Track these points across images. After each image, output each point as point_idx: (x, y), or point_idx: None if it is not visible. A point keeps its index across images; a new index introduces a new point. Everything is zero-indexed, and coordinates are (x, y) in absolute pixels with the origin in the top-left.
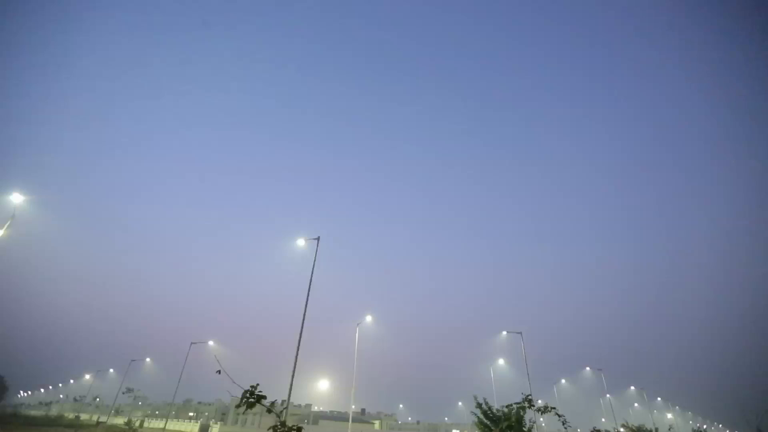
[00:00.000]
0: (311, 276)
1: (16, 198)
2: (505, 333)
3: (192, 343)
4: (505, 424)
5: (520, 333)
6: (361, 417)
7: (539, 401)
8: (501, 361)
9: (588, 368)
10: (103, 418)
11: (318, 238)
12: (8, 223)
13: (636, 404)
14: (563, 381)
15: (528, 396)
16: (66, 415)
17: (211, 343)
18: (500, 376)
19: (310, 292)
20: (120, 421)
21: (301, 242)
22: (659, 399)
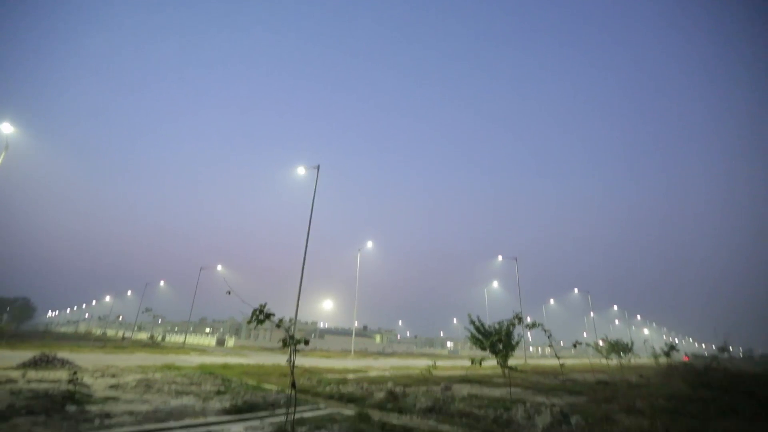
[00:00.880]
0: (312, 202)
1: (6, 128)
2: (500, 258)
3: (201, 268)
4: (495, 337)
5: (515, 258)
6: (363, 332)
7: (528, 318)
8: (495, 284)
9: (576, 290)
10: (127, 334)
11: (318, 167)
12: (3, 154)
13: (617, 321)
14: (552, 301)
15: (518, 314)
16: (93, 331)
17: (219, 267)
18: (494, 297)
19: (313, 219)
20: (143, 336)
21: (301, 170)
22: (638, 317)
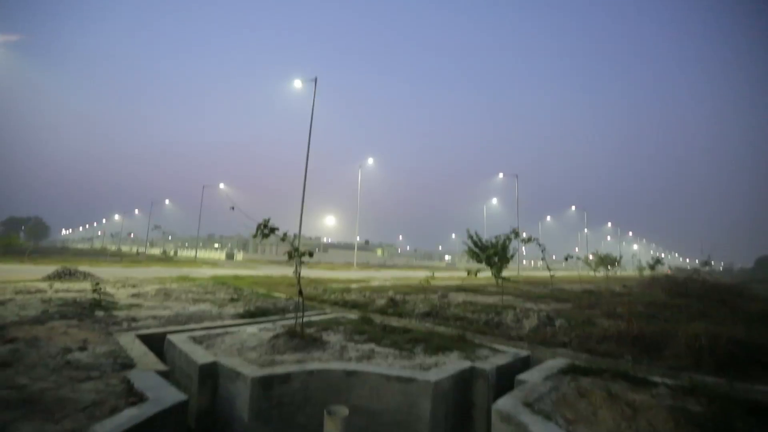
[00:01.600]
0: (311, 115)
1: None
2: (501, 176)
3: (204, 186)
4: (491, 251)
5: (516, 176)
6: (365, 246)
7: (524, 234)
8: (494, 201)
9: (573, 207)
10: (141, 250)
11: (315, 79)
12: None
13: (609, 237)
14: (548, 218)
15: (515, 229)
16: (108, 247)
17: (222, 185)
18: (492, 214)
19: (314, 136)
20: (156, 251)
21: (298, 84)
22: (630, 233)
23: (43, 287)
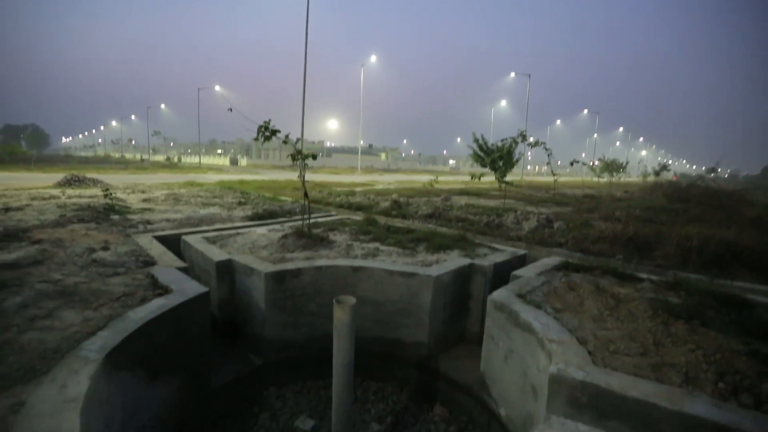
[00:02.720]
0: (307, 6)
1: None
2: (513, 75)
3: (199, 88)
4: (496, 155)
5: (528, 75)
6: (369, 150)
7: (531, 138)
8: (503, 103)
9: (586, 111)
10: (144, 157)
11: None
12: None
13: (618, 143)
14: (558, 122)
15: (523, 131)
16: (112, 155)
17: (217, 87)
18: (500, 117)
19: (314, 32)
20: (160, 158)
21: None
22: (641, 139)
23: (56, 194)
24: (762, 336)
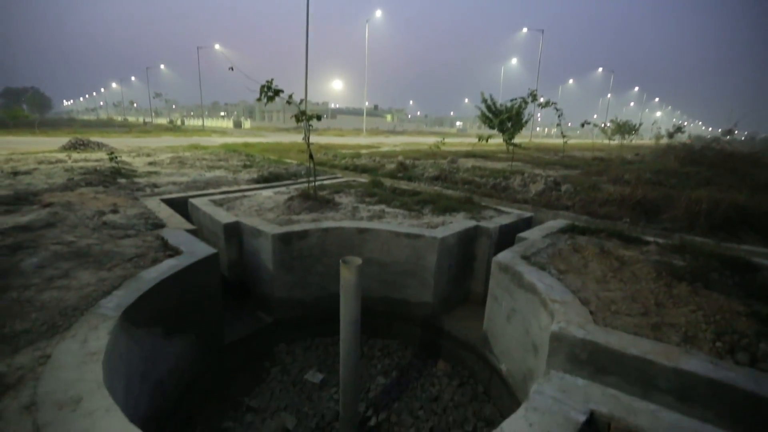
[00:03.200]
0: None
1: None
2: (525, 30)
3: (198, 47)
4: (505, 116)
5: (542, 31)
6: (374, 112)
7: (542, 98)
8: (514, 61)
9: (600, 69)
10: (147, 120)
11: None
12: None
13: (632, 104)
14: (570, 81)
15: (533, 91)
16: (114, 118)
17: (217, 46)
18: (510, 77)
19: None
20: (163, 121)
21: None
22: (657, 99)
23: (62, 158)
24: (765, 298)
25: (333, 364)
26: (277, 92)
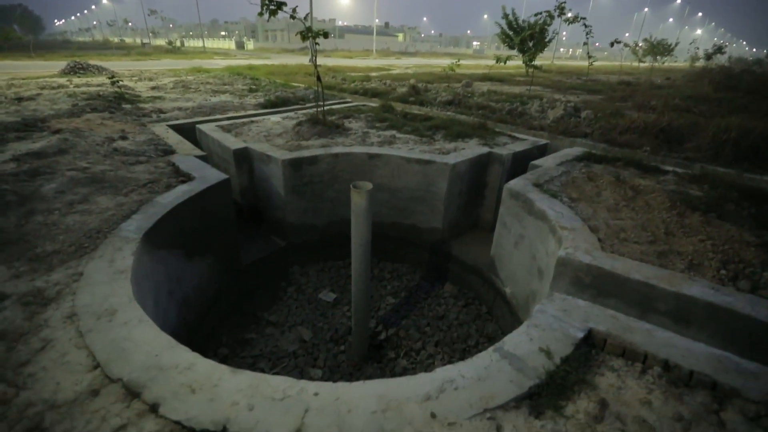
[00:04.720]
0: None
1: None
2: None
3: None
4: (527, 33)
5: None
6: (385, 30)
7: (569, 13)
8: None
9: None
10: (144, 41)
11: None
12: None
13: (671, 20)
14: None
15: (562, 3)
16: (111, 39)
17: None
18: None
19: None
20: (161, 42)
21: None
22: (699, 14)
23: (63, 82)
24: None
25: (345, 285)
26: (280, 5)
